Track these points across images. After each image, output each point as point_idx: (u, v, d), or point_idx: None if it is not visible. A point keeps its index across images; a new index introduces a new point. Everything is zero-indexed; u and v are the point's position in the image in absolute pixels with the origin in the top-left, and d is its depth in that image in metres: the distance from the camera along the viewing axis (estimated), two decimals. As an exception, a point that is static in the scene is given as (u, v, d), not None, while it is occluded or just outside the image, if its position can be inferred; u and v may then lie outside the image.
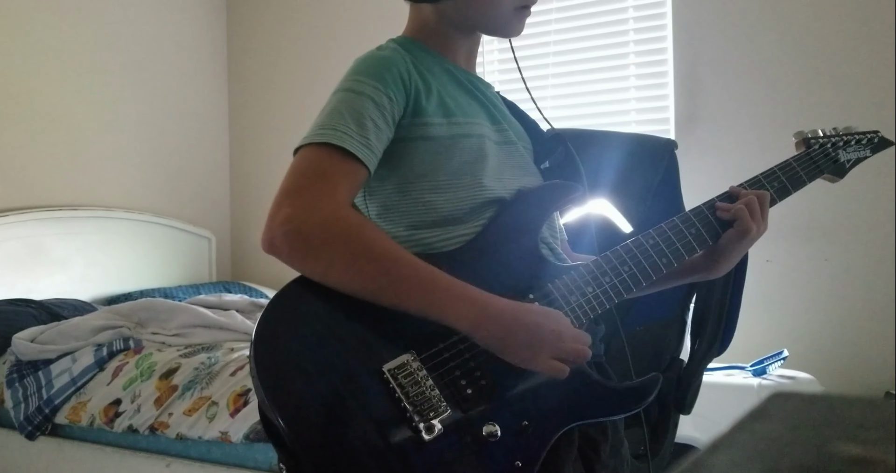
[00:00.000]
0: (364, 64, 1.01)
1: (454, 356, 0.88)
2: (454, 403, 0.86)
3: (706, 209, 1.06)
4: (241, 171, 3.90)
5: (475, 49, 1.15)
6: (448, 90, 1.04)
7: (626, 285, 0.99)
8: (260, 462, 1.91)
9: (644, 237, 1.03)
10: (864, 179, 1.22)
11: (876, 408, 0.33)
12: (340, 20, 3.62)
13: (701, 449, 0.29)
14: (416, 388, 0.84)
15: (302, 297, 0.89)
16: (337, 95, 0.98)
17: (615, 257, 1.01)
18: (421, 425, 0.83)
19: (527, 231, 1.00)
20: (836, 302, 2.64)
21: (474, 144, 1.01)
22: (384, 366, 0.85)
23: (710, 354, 1.48)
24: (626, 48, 3.06)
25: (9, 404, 2.30)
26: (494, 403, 0.87)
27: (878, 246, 2.57)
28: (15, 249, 2.88)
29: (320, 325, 0.87)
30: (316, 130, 0.94)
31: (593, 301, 0.97)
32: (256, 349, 0.83)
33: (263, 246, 0.89)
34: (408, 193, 1.00)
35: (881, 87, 2.58)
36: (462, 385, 0.87)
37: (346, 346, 0.86)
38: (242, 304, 2.76)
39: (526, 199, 1.03)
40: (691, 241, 1.04)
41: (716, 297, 1.47)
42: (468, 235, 0.99)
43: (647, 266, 1.01)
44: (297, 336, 0.85)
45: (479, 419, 0.86)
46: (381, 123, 0.95)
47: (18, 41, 2.99)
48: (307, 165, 0.92)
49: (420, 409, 0.83)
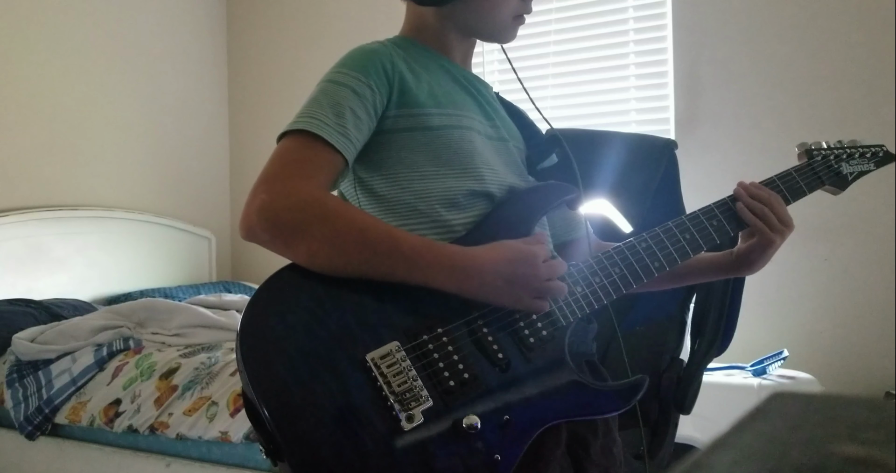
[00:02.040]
0: (349, 57, 1.02)
1: (438, 348, 0.89)
2: (436, 394, 0.86)
3: (731, 202, 1.07)
4: (241, 171, 3.90)
5: (471, 52, 1.16)
6: (440, 83, 1.06)
7: (616, 285, 1.00)
8: (260, 462, 1.91)
9: (663, 228, 1.04)
10: (864, 180, 1.21)
11: (876, 408, 0.33)
12: (340, 20, 3.62)
13: (701, 449, 0.29)
14: (399, 378, 0.85)
15: (289, 285, 0.90)
16: (319, 85, 1.00)
17: (607, 258, 1.02)
18: (402, 414, 0.84)
19: (518, 230, 1.01)
20: (836, 302, 2.64)
21: (465, 135, 1.02)
22: (368, 355, 0.86)
23: (710, 354, 1.48)
24: (626, 48, 3.06)
25: (9, 404, 2.30)
26: (476, 396, 0.88)
27: (878, 246, 2.57)
28: (15, 249, 2.88)
29: (306, 313, 0.88)
30: (294, 119, 0.96)
31: (581, 301, 0.98)
32: (242, 334, 0.85)
33: (242, 233, 0.90)
34: (398, 182, 1.00)
35: (881, 87, 2.58)
36: (445, 377, 0.88)
37: (330, 334, 0.87)
38: (242, 304, 2.74)
39: (520, 198, 1.04)
40: (712, 233, 1.05)
41: (716, 297, 1.47)
42: (458, 226, 1.00)
43: (638, 268, 1.02)
44: (282, 323, 0.86)
45: (460, 411, 0.86)
46: (362, 113, 0.96)
47: (18, 41, 2.99)
48: (283, 154, 0.94)
49: (401, 398, 0.84)
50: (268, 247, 0.90)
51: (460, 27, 1.09)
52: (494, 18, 1.07)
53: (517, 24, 1.10)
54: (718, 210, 1.07)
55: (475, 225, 1.00)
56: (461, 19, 1.07)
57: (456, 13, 1.06)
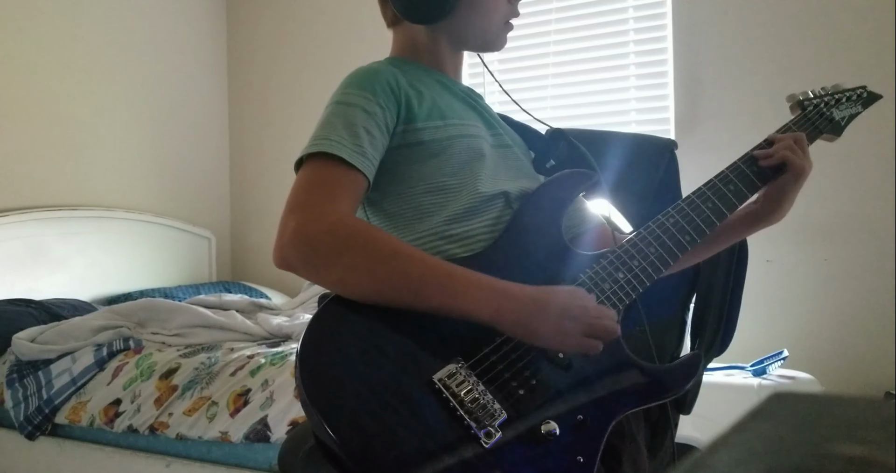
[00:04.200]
0: (353, 77, 1.03)
1: (501, 359, 0.88)
2: (509, 405, 0.85)
3: (743, 164, 1.07)
4: (241, 171, 3.90)
5: (461, 65, 1.19)
6: (442, 97, 1.07)
7: (656, 266, 0.99)
8: (260, 462, 1.91)
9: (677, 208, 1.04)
10: (864, 180, 1.22)
11: (876, 408, 0.33)
12: (340, 21, 3.62)
13: (701, 449, 0.29)
14: (470, 395, 0.83)
15: (339, 317, 0.87)
16: (328, 108, 1.00)
17: (640, 240, 1.01)
18: (480, 432, 0.82)
19: (550, 224, 1.00)
20: (836, 302, 2.64)
21: (472, 143, 1.03)
22: (434, 376, 0.84)
23: (710, 354, 1.48)
24: (626, 48, 3.06)
25: (9, 404, 2.30)
26: (547, 401, 0.87)
27: (878, 246, 2.57)
28: (15, 249, 2.88)
29: (362, 342, 0.85)
30: (310, 143, 0.95)
31: (626, 287, 0.97)
32: (303, 373, 0.81)
33: (276, 262, 0.89)
34: (409, 198, 1.01)
35: (880, 86, 2.58)
36: (514, 387, 0.86)
37: (391, 361, 0.84)
38: (242, 304, 2.76)
39: (543, 192, 1.04)
40: (731, 196, 1.05)
41: (716, 297, 1.47)
42: (478, 233, 0.99)
43: (680, 240, 1.01)
44: (341, 356, 0.83)
45: (534, 418, 0.85)
46: (375, 131, 0.97)
47: (18, 41, 2.99)
48: (307, 180, 0.93)
49: (476, 416, 0.82)
50: (300, 274, 0.88)
51: (452, 41, 1.11)
52: (487, 27, 1.09)
53: (506, 31, 1.12)
54: (733, 174, 1.07)
55: (501, 234, 0.99)
56: (453, 33, 1.09)
57: (449, 27, 1.08)
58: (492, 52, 1.16)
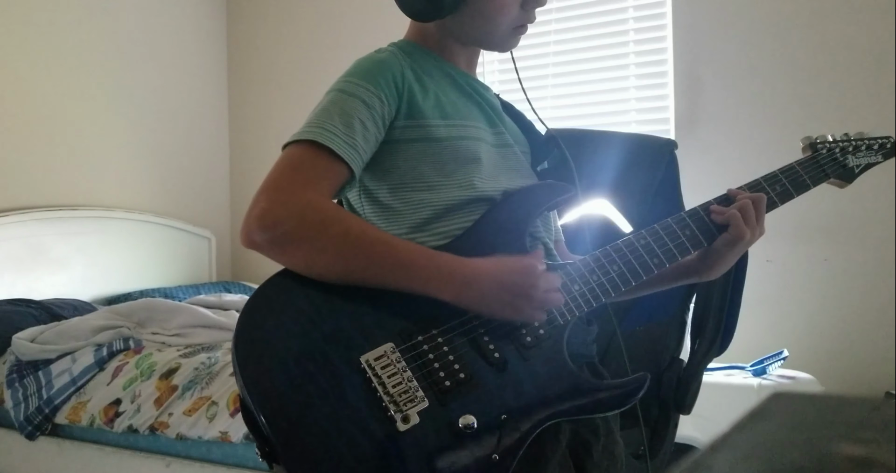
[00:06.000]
0: (359, 66, 1.02)
1: (433, 349, 0.89)
2: (432, 394, 0.86)
3: (702, 211, 1.06)
4: (241, 171, 3.90)
5: (475, 57, 1.16)
6: (446, 93, 1.06)
7: (615, 283, 0.99)
8: (260, 462, 1.91)
9: (636, 237, 1.03)
10: (865, 179, 1.21)
11: (876, 408, 0.33)
12: (340, 20, 3.62)
13: (701, 449, 0.29)
14: (394, 379, 0.85)
15: (284, 289, 0.90)
16: (329, 95, 1.00)
17: (604, 256, 1.01)
18: (397, 415, 0.83)
19: (515, 229, 1.01)
20: (836, 302, 2.64)
21: (470, 146, 1.03)
22: (362, 356, 0.86)
23: (710, 354, 1.48)
24: (626, 48, 3.06)
25: (9, 404, 2.30)
26: (472, 396, 0.88)
27: (878, 246, 2.57)
28: (15, 249, 2.88)
29: (300, 316, 0.88)
30: (303, 128, 0.95)
31: (579, 299, 0.98)
32: (237, 339, 0.85)
33: (242, 241, 0.90)
34: (402, 193, 1.01)
35: (881, 86, 2.58)
36: (440, 377, 0.88)
37: (325, 337, 0.87)
38: (242, 304, 2.75)
39: (516, 197, 1.04)
40: (685, 242, 1.04)
41: (716, 297, 1.47)
42: (458, 230, 1.00)
43: (637, 266, 1.01)
44: (277, 327, 0.87)
45: (456, 410, 0.86)
46: (370, 124, 0.97)
47: (18, 41, 2.99)
48: (288, 162, 0.93)
49: (396, 399, 0.84)
50: (266, 254, 0.90)
51: (461, 37, 1.09)
52: (492, 30, 1.07)
53: (518, 34, 1.10)
54: (692, 219, 1.05)
55: (472, 226, 1.00)
56: (461, 30, 1.08)
57: (454, 25, 1.07)
58: (501, 53, 1.14)
